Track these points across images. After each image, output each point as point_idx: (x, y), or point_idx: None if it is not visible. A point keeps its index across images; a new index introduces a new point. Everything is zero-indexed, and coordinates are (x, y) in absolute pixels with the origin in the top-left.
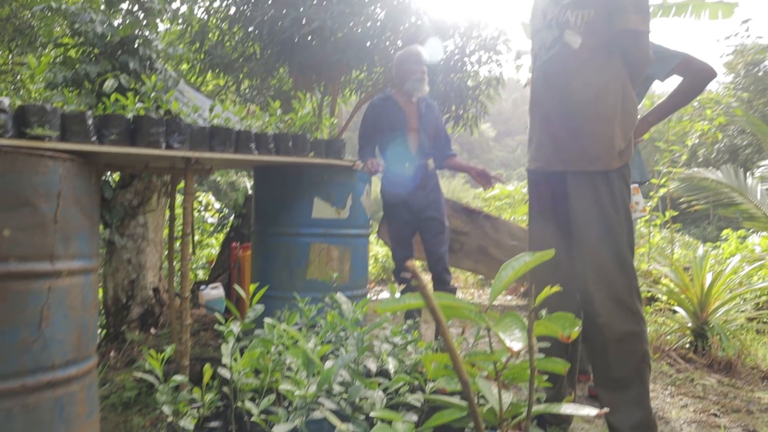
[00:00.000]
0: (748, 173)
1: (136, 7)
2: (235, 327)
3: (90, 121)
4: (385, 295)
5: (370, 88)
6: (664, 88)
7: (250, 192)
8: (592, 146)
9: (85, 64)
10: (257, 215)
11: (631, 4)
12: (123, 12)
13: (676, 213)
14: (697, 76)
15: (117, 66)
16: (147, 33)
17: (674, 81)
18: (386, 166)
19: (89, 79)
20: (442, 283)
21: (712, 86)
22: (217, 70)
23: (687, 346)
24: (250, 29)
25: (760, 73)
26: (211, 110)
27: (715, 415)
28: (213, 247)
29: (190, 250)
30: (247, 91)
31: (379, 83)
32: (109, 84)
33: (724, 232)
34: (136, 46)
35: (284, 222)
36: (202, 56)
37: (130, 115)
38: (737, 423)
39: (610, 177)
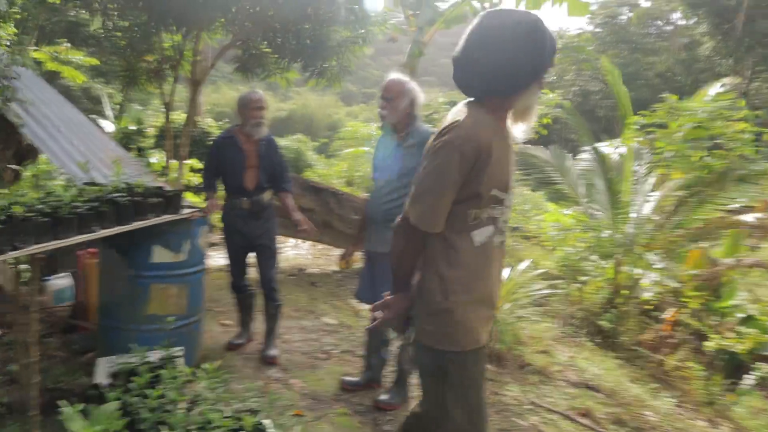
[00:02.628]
0: (569, 155)
1: None
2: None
3: None
4: None
5: (237, 30)
6: None
7: None
8: None
9: None
10: (101, 255)
11: None
12: None
13: None
14: None
15: None
16: None
17: None
18: (226, 198)
19: None
20: (271, 300)
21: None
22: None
23: None
24: None
25: (617, 25)
26: None
27: None
28: None
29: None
30: (101, 31)
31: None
32: None
33: (550, 204)
34: None
35: (127, 266)
36: None
37: None
38: None
39: None
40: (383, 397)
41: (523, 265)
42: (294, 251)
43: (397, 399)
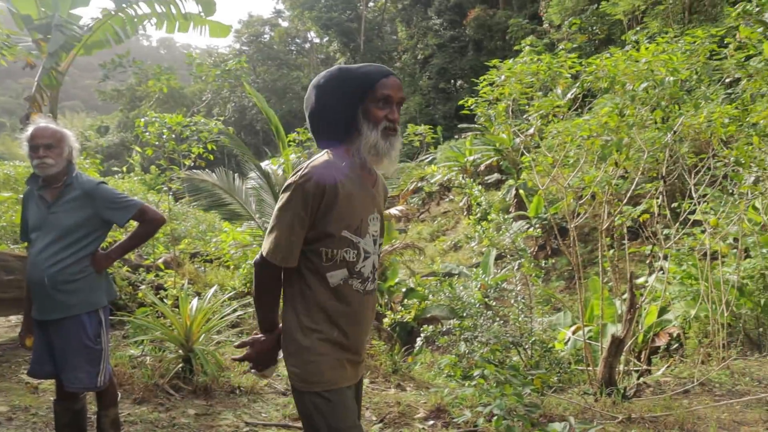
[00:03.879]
0: (236, 175)
1: None
2: None
3: None
4: None
5: None
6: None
7: None
8: None
9: None
10: None
11: None
12: None
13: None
14: (150, 223)
15: None
16: None
17: None
18: None
19: None
20: None
21: (224, 49)
22: None
23: (180, 373)
24: None
25: (262, 43)
26: None
27: None
28: None
29: None
30: None
31: None
32: None
33: (225, 224)
34: None
35: None
36: None
37: None
38: None
39: None
40: None
41: (211, 291)
42: None
43: None
